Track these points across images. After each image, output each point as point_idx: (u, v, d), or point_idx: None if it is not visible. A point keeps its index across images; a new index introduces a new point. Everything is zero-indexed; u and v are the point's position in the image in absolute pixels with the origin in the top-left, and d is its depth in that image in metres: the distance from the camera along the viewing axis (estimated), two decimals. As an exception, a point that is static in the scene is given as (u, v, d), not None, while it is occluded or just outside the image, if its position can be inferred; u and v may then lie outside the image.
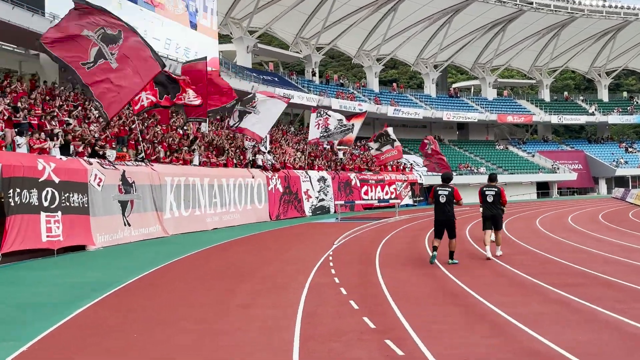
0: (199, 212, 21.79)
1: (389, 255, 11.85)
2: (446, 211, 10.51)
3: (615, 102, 65.04)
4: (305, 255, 12.13)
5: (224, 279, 9.22)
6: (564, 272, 9.29)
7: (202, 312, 6.71)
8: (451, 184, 11.01)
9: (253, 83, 37.59)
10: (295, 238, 17.18)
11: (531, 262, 10.58)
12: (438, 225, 10.66)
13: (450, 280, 8.63)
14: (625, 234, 15.98)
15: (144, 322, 6.34)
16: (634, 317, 6.05)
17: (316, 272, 9.70)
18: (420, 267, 10.10)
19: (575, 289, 7.69)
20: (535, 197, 53.35)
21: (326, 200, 32.44)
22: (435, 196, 10.65)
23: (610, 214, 26.10)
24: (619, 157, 58.84)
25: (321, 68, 73.03)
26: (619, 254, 11.39)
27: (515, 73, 72.48)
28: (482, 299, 7.17)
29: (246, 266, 10.74)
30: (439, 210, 10.60)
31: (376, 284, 8.32)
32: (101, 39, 14.87)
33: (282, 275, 9.49)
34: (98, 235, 15.97)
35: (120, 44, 14.92)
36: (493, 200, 11.26)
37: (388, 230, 18.72)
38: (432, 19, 52.03)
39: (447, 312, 6.48)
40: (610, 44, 60.93)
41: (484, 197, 11.40)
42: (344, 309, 6.66)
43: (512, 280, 8.63)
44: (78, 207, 15.36)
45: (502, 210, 11.48)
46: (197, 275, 9.73)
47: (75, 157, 16.32)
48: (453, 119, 55.06)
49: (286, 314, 6.44)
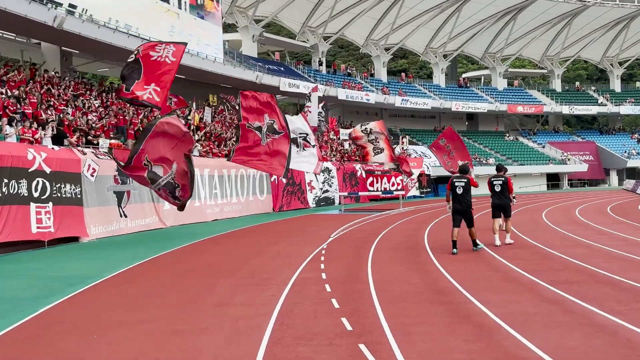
0: (199, 203, 21.49)
1: (384, 250, 11.46)
2: (463, 202, 10.82)
3: (627, 93, 63.83)
4: (298, 249, 11.77)
5: (206, 274, 8.89)
6: (563, 268, 8.85)
7: (171, 312, 6.36)
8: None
9: (258, 72, 37.16)
10: (293, 230, 16.83)
11: (531, 257, 10.14)
12: (456, 214, 10.92)
13: (442, 276, 8.22)
14: (632, 227, 15.45)
15: (107, 321, 6.01)
16: (632, 320, 5.62)
17: (305, 266, 9.34)
18: (413, 262, 9.70)
19: (572, 287, 7.26)
20: (545, 189, 52.60)
21: (331, 192, 32.05)
22: (452, 187, 10.95)
23: (619, 206, 25.48)
24: (631, 149, 57.83)
25: (330, 58, 72.44)
26: (623, 249, 10.92)
27: (527, 63, 71.41)
28: (471, 296, 6.76)
29: (234, 260, 10.41)
30: (457, 201, 10.90)
31: (364, 280, 7.94)
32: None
33: (268, 269, 9.13)
34: (92, 226, 15.72)
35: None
36: (501, 189, 11.75)
37: (389, 223, 18.31)
38: (442, 7, 51.17)
39: (431, 312, 6.08)
40: (623, 33, 59.72)
41: (492, 186, 11.89)
42: (323, 307, 6.29)
43: (507, 276, 8.21)
44: (71, 198, 15.09)
45: (510, 199, 11.93)
46: (179, 270, 9.40)
47: (69, 147, 16.06)
48: (462, 109, 54.30)
49: (260, 313, 6.08)
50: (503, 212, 11.87)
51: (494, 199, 11.92)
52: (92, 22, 24.90)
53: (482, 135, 57.51)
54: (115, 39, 25.81)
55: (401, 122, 54.23)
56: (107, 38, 25.36)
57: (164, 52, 14.16)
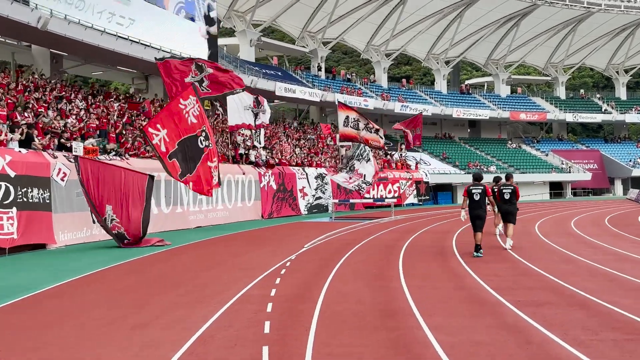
0: (181, 209, 20.89)
1: (352, 263, 10.74)
2: (479, 207, 11.57)
3: (633, 101, 62.83)
4: (264, 260, 11.08)
5: (147, 289, 8.21)
6: (537, 287, 8.11)
7: (81, 334, 5.69)
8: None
9: (252, 77, 36.58)
10: (270, 238, 16.14)
11: (506, 273, 9.42)
12: (476, 219, 11.62)
13: (400, 295, 7.51)
14: (626, 241, 14.66)
15: (10, 345, 5.36)
16: (593, 354, 4.90)
17: (260, 280, 8.66)
18: (377, 278, 8.99)
19: (539, 310, 6.54)
20: (547, 198, 51.64)
21: (324, 199, 31.35)
22: (470, 194, 11.65)
23: (618, 217, 24.64)
24: (636, 157, 56.77)
25: (333, 64, 71.88)
26: (610, 265, 10.16)
27: (532, 70, 70.59)
28: (422, 320, 6.05)
29: (188, 272, 9.73)
30: (474, 207, 11.60)
31: (312, 299, 7.24)
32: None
33: (218, 284, 8.45)
34: (60, 233, 15.13)
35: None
36: (510, 197, 12.68)
37: (373, 232, 17.60)
38: (443, 12, 50.54)
39: (369, 340, 5.38)
40: (628, 40, 58.87)
41: (501, 194, 12.80)
42: (249, 333, 5.60)
43: (472, 296, 7.49)
44: (38, 203, 14.50)
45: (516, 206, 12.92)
46: (122, 284, 8.72)
47: (39, 150, 15.49)
48: (463, 116, 53.49)
49: (177, 339, 5.40)
50: (511, 217, 12.75)
51: (503, 206, 12.82)
52: (78, 23, 24.40)
53: (484, 143, 56.69)
54: (102, 41, 25.32)
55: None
56: (94, 40, 24.85)
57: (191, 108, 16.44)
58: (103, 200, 14.40)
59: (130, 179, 14.84)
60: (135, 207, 14.74)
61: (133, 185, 14.85)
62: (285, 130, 38.32)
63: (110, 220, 14.43)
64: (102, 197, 14.40)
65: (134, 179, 14.95)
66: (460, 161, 49.58)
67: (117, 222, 14.46)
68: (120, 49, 26.28)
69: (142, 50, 27.91)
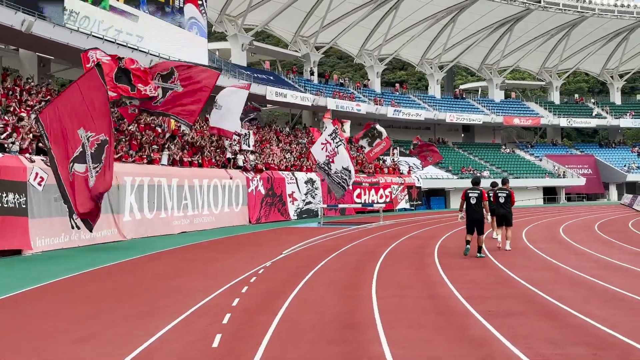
0: (165, 214, 20.57)
1: (328, 271, 10.41)
2: (476, 211, 11.97)
3: (628, 106, 62.74)
4: (236, 267, 10.78)
5: (104, 299, 7.86)
6: (510, 296, 7.84)
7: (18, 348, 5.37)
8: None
9: (243, 81, 36.26)
10: (250, 244, 15.83)
11: (483, 280, 9.14)
12: (469, 223, 12.07)
13: (367, 305, 7.22)
14: (614, 247, 14.39)
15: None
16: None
17: (226, 289, 8.36)
18: (348, 286, 8.70)
19: (507, 321, 6.27)
20: (541, 203, 51.41)
21: (314, 203, 31.07)
22: (467, 198, 12.07)
23: (609, 222, 24.39)
24: (631, 162, 56.62)
25: (328, 69, 71.76)
26: (592, 272, 9.90)
27: (526, 75, 70.53)
28: (382, 332, 5.77)
29: (153, 281, 9.41)
30: (471, 210, 12.02)
31: (275, 309, 6.94)
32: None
33: (179, 293, 8.14)
34: (37, 238, 14.80)
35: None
36: (505, 201, 13.23)
37: (357, 238, 17.31)
38: (436, 17, 50.43)
39: (322, 354, 5.08)
40: (622, 45, 58.80)
41: (497, 198, 13.30)
42: (196, 348, 5.31)
43: (440, 306, 7.20)
44: (13, 208, 14.19)
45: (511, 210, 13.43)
46: (79, 294, 8.32)
47: (16, 154, 15.19)
48: (456, 121, 53.28)
49: (115, 355, 5.10)
50: (505, 221, 13.29)
51: (499, 210, 13.32)
52: (63, 27, 24.17)
53: (478, 148, 56.46)
54: (89, 44, 25.00)
55: (395, 134, 53.15)
56: (80, 43, 24.59)
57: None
58: (75, 131, 13.45)
59: (86, 87, 13.59)
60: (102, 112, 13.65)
61: (90, 90, 13.60)
62: (277, 136, 38.04)
63: (88, 139, 13.52)
64: (73, 130, 13.47)
65: (89, 85, 13.62)
66: (453, 166, 49.34)
67: (93, 136, 13.52)
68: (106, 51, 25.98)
69: (130, 54, 27.67)
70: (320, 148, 27.96)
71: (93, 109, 13.59)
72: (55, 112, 13.76)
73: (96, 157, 13.74)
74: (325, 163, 26.40)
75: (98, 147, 13.69)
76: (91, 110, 13.60)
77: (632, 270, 10.28)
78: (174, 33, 31.12)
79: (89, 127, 13.63)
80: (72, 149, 13.76)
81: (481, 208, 11.98)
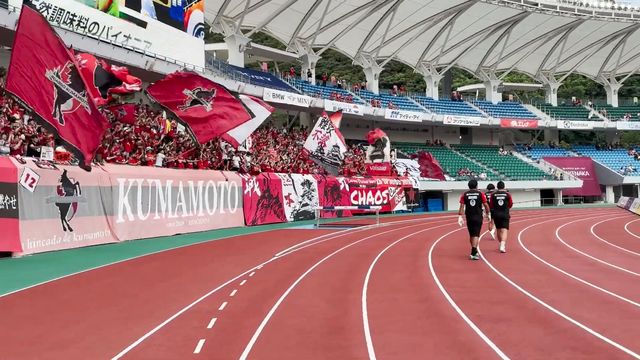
0: (159, 216, 20.44)
1: (320, 274, 10.31)
2: (476, 213, 12.13)
3: (625, 108, 62.79)
4: (227, 270, 10.67)
5: (88, 303, 7.69)
6: (503, 300, 7.75)
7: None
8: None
9: (240, 82, 36.24)
10: (243, 247, 15.71)
11: (475, 283, 9.05)
12: (471, 224, 12.22)
13: (356, 309, 7.12)
14: (608, 249, 14.32)
15: None
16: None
17: (214, 293, 8.25)
18: (338, 290, 8.60)
19: (497, 327, 6.18)
20: (539, 205, 51.37)
21: (310, 205, 30.94)
22: (466, 200, 12.21)
23: (605, 224, 24.32)
24: (628, 165, 56.62)
25: (326, 70, 71.66)
26: (585, 275, 9.81)
27: (524, 77, 70.57)
28: (369, 338, 5.67)
29: (139, 285, 9.27)
30: (470, 212, 12.17)
31: (262, 313, 6.84)
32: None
33: (165, 297, 8.01)
34: (28, 240, 14.66)
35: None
36: (503, 204, 13.37)
37: (352, 240, 17.21)
38: (434, 19, 50.43)
39: (307, 360, 5.00)
40: (619, 48, 58.84)
41: (495, 201, 13.45)
42: (178, 353, 5.20)
43: (431, 309, 7.11)
44: (3, 210, 14.06)
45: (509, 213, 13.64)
46: (62, 298, 8.13)
47: (6, 156, 15.08)
48: (454, 123, 53.24)
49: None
50: (504, 223, 13.42)
51: (498, 213, 13.45)
52: (58, 27, 24.06)
53: (475, 150, 56.45)
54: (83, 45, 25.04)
55: (393, 136, 52.97)
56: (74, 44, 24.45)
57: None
58: (43, 78, 12.94)
59: (29, 30, 12.88)
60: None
61: (34, 28, 12.92)
62: (275, 138, 37.94)
63: (58, 76, 12.94)
64: (42, 77, 12.95)
65: (30, 25, 12.91)
66: (451, 168, 49.29)
67: (60, 69, 12.93)
68: (103, 54, 25.91)
69: (125, 55, 27.61)
70: (311, 139, 30.23)
71: (47, 44, 12.92)
72: (19, 73, 13.09)
73: (76, 85, 13.09)
74: (318, 150, 28.44)
75: (71, 75, 13.03)
76: (46, 46, 12.93)
77: (626, 273, 10.21)
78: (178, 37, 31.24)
79: (53, 63, 12.97)
80: (50, 96, 13.17)
81: (481, 209, 12.16)
